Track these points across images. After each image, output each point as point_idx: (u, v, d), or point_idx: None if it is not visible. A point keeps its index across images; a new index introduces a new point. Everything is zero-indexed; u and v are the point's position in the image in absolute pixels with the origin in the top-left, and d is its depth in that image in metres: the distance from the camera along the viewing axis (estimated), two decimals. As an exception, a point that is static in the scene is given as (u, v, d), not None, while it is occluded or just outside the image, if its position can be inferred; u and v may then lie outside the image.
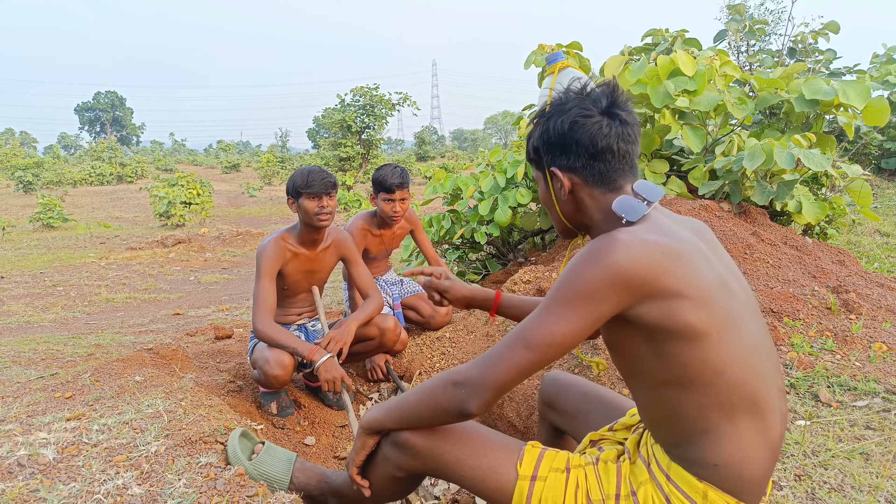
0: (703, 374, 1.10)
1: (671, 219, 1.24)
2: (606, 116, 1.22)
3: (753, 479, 1.14)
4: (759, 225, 3.31)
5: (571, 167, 1.25)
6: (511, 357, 1.16)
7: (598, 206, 1.26)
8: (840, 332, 2.33)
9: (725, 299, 1.12)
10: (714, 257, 1.19)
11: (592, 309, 1.10)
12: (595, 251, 1.11)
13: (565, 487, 1.26)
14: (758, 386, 1.12)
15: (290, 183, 2.63)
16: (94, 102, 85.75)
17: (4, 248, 9.82)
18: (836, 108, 3.37)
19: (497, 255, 4.88)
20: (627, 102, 1.25)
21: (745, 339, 1.12)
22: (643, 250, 1.09)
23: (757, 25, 5.40)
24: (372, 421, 1.42)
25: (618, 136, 1.21)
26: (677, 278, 1.08)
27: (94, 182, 27.04)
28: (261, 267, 2.59)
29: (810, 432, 1.76)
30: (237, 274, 7.31)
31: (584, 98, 1.24)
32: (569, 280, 1.12)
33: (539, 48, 4.45)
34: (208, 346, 3.45)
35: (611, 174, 1.24)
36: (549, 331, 1.13)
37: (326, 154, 23.79)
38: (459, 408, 1.22)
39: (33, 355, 3.10)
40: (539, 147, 1.30)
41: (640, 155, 1.28)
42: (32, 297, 5.78)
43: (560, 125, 1.24)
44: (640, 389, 1.21)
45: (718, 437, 1.12)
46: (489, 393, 1.18)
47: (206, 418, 2.01)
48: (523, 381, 2.58)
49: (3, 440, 1.83)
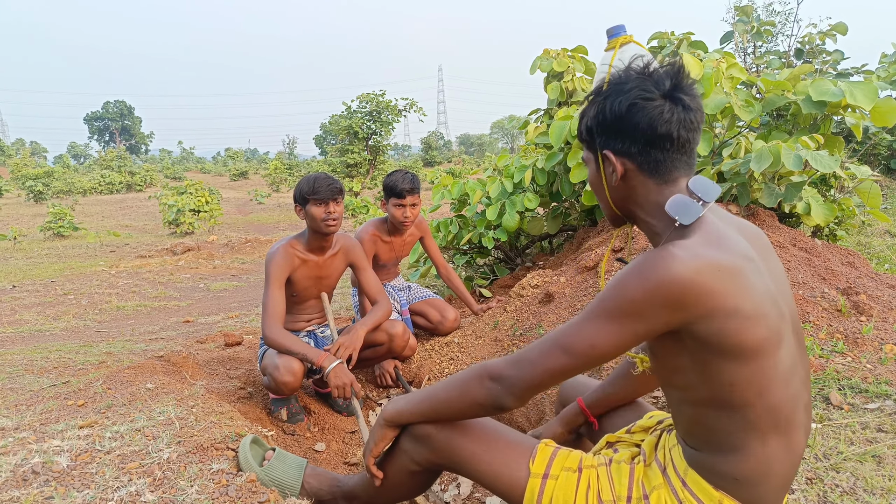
0: (745, 395, 1.06)
1: (725, 221, 1.17)
2: (669, 100, 1.13)
3: (771, 493, 1.13)
4: (768, 227, 3.30)
5: (626, 152, 1.17)
6: (548, 360, 1.15)
7: (650, 198, 1.18)
8: (850, 335, 2.31)
9: (775, 318, 1.07)
10: (765, 269, 1.13)
11: (637, 327, 1.06)
12: (647, 266, 1.05)
13: (576, 487, 1.27)
14: (790, 405, 1.10)
15: (296, 190, 2.65)
16: (104, 112, 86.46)
17: (16, 257, 9.91)
18: (843, 109, 3.36)
19: (505, 259, 4.88)
20: (693, 86, 1.16)
21: (785, 358, 1.08)
22: (697, 268, 1.02)
23: (764, 27, 5.39)
24: (395, 414, 1.42)
25: (679, 122, 1.12)
26: (731, 297, 1.02)
27: (103, 191, 27.26)
28: (269, 274, 2.61)
29: (821, 435, 1.75)
30: (246, 281, 7.34)
31: (646, 78, 1.15)
32: (616, 292, 1.07)
33: (545, 53, 4.46)
34: (218, 353, 3.47)
35: (667, 164, 1.15)
36: (591, 342, 1.10)
37: (334, 160, 23.89)
38: (495, 402, 1.23)
39: (45, 363, 3.13)
40: (593, 127, 1.21)
41: (699, 144, 1.20)
42: (44, 305, 5.83)
43: (618, 106, 1.15)
44: (678, 401, 1.18)
45: (747, 456, 1.10)
46: (525, 392, 1.19)
47: (218, 425, 2.02)
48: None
49: (18, 448, 1.85)
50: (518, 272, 4.50)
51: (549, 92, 4.44)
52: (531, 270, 4.21)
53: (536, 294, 3.24)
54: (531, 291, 3.28)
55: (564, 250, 4.24)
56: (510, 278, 4.38)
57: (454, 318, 3.50)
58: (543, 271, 3.47)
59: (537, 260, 4.60)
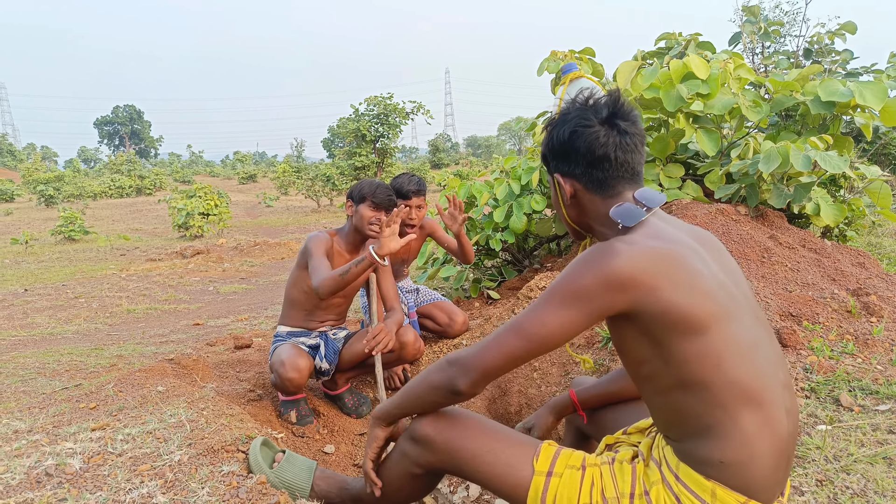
0: (702, 370, 1.13)
1: (672, 225, 1.28)
2: (605, 126, 1.27)
3: (762, 477, 1.14)
4: (777, 228, 3.29)
5: (572, 174, 1.32)
6: (503, 344, 1.23)
7: (598, 211, 1.32)
8: (861, 336, 2.30)
9: (721, 296, 1.16)
10: (710, 259, 1.23)
11: (584, 307, 1.16)
12: (591, 255, 1.17)
13: (580, 484, 1.28)
14: (757, 380, 1.14)
15: (356, 188, 2.74)
16: (113, 116, 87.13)
17: (28, 261, 9.99)
18: (853, 109, 3.34)
19: (513, 261, 4.88)
20: (631, 112, 1.29)
21: (742, 334, 1.15)
22: (635, 254, 1.14)
23: (772, 27, 5.36)
24: (380, 410, 1.50)
25: (616, 145, 1.27)
26: (668, 276, 1.13)
27: (113, 195, 27.44)
28: (312, 249, 2.67)
29: (831, 437, 1.74)
30: (255, 284, 7.38)
31: (585, 108, 1.30)
32: (565, 280, 1.18)
33: (552, 55, 4.46)
34: (228, 355, 3.49)
35: (609, 181, 1.29)
36: (542, 322, 1.19)
37: (342, 163, 23.94)
38: (449, 385, 1.30)
39: (57, 366, 3.16)
40: (546, 154, 1.38)
41: (643, 163, 1.33)
42: (55, 309, 5.88)
43: (562, 134, 1.31)
44: (649, 393, 1.24)
45: (721, 434, 1.14)
46: (477, 374, 1.26)
47: (228, 427, 2.03)
48: (534, 391, 2.58)
49: (31, 450, 1.87)
50: (526, 274, 4.49)
51: (557, 94, 4.44)
52: (539, 272, 4.21)
53: (544, 296, 3.24)
54: (539, 293, 3.28)
55: (572, 251, 4.24)
56: (518, 280, 4.38)
57: (462, 322, 3.50)
58: (552, 273, 3.47)
59: (545, 262, 4.60)
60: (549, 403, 1.78)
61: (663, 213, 1.31)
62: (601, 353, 2.66)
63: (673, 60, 3.48)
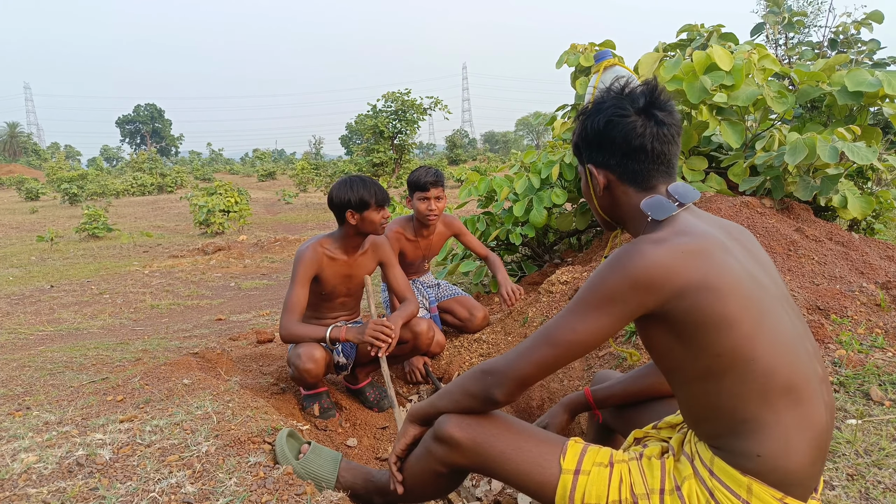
0: (735, 363, 1.11)
1: (703, 220, 1.25)
2: (642, 116, 1.24)
3: (799, 471, 1.12)
4: (803, 221, 3.24)
5: (606, 164, 1.30)
6: (535, 353, 1.23)
7: (631, 203, 1.29)
8: (891, 329, 2.26)
9: (753, 289, 1.14)
10: (742, 252, 1.21)
11: (613, 311, 1.15)
12: (618, 257, 1.15)
13: (609, 481, 1.27)
14: (794, 373, 1.12)
15: (349, 198, 2.64)
16: (135, 115, 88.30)
17: (53, 258, 10.16)
18: (881, 99, 3.28)
19: (533, 256, 4.87)
20: (668, 102, 1.26)
21: (775, 326, 1.13)
22: (662, 253, 1.12)
23: (796, 17, 5.27)
24: (417, 409, 1.50)
25: (652, 136, 1.24)
26: (696, 273, 1.11)
27: (135, 192, 27.77)
28: (296, 272, 2.65)
29: (862, 431, 1.71)
30: (276, 279, 7.43)
31: (622, 97, 1.27)
32: (593, 284, 1.17)
33: (571, 48, 4.44)
34: (251, 349, 3.52)
35: (644, 173, 1.27)
36: (572, 329, 1.18)
37: (360, 160, 24.02)
38: (485, 394, 1.30)
39: (84, 360, 3.21)
40: (579, 143, 1.35)
41: (678, 155, 1.31)
42: (81, 304, 5.97)
43: (596, 123, 1.28)
44: (679, 386, 1.22)
45: (759, 427, 1.12)
46: (513, 384, 1.26)
47: (254, 419, 2.05)
48: (556, 386, 2.57)
49: (62, 441, 1.90)
50: (546, 269, 4.48)
51: (577, 87, 4.41)
52: (560, 267, 4.20)
53: (566, 290, 3.22)
54: (560, 288, 3.27)
55: (593, 246, 4.21)
56: (538, 275, 4.37)
57: (483, 317, 3.50)
58: (573, 267, 3.45)
59: (566, 256, 4.58)
60: (564, 401, 1.76)
61: (695, 208, 1.29)
62: (625, 346, 2.65)
63: (696, 52, 3.44)
